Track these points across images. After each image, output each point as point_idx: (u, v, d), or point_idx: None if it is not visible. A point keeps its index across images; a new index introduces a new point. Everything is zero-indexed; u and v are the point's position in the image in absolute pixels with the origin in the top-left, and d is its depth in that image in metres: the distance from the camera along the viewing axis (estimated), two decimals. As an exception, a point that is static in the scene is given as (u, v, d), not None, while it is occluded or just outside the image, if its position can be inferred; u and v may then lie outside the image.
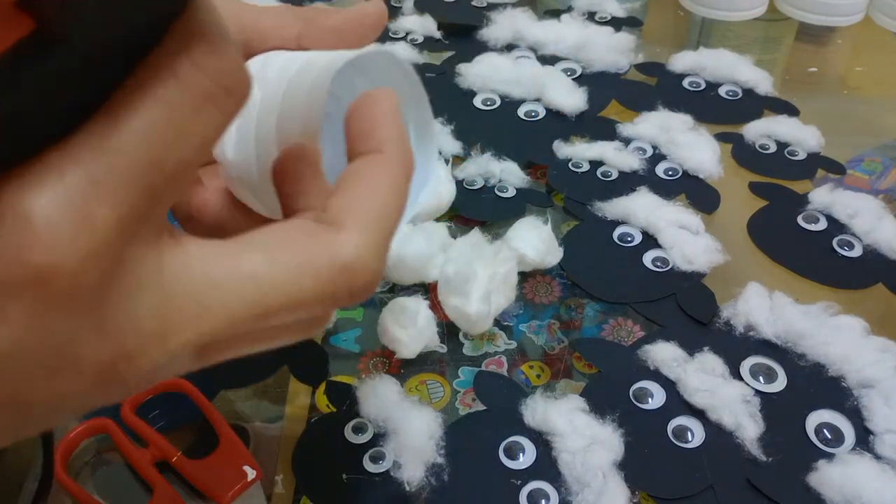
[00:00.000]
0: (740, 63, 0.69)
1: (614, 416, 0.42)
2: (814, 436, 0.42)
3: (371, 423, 0.42)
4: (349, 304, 0.21)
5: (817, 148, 0.62)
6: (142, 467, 0.41)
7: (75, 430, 0.42)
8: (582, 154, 0.60)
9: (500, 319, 0.49)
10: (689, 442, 0.42)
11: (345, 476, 0.40)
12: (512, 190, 0.58)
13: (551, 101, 0.65)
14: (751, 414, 0.42)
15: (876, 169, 0.62)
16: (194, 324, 0.19)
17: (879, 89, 0.73)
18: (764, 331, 0.46)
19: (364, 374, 0.44)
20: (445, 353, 0.47)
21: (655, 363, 0.45)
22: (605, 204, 0.56)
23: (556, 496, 0.39)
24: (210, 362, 0.21)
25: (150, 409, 0.44)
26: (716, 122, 0.64)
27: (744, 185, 0.59)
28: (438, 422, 0.41)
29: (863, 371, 0.43)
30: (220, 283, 0.19)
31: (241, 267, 0.19)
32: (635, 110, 0.65)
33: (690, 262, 0.51)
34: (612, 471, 0.39)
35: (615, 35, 0.73)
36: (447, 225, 0.53)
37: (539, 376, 0.46)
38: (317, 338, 0.48)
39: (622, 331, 0.49)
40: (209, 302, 0.19)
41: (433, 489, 0.39)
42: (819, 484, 0.39)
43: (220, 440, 0.41)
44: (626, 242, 0.53)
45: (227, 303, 0.19)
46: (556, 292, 0.51)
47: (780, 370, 0.45)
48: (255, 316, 0.19)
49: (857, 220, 0.54)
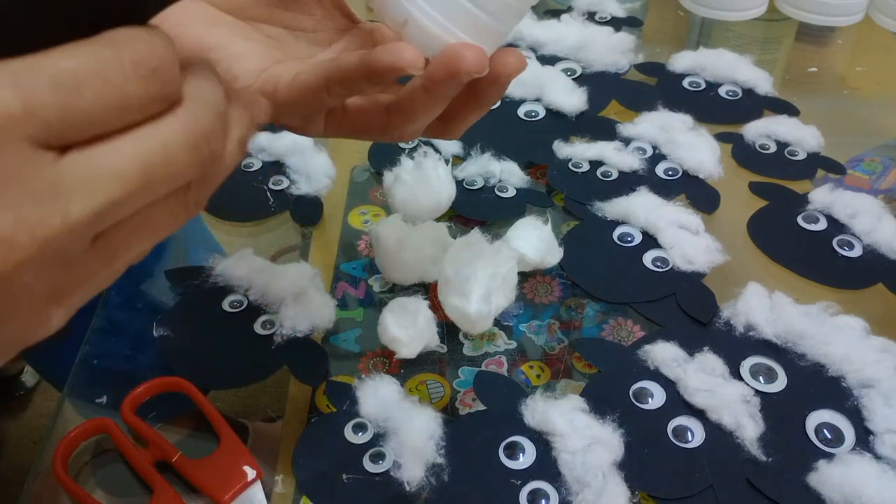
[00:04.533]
0: (740, 63, 0.69)
1: (614, 416, 0.42)
2: (814, 436, 0.42)
3: (371, 423, 0.42)
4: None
5: (817, 148, 0.62)
6: (142, 467, 0.41)
7: (75, 430, 0.42)
8: (582, 154, 0.60)
9: (500, 319, 0.49)
10: (689, 442, 0.42)
11: (345, 476, 0.40)
12: (512, 190, 0.58)
13: (551, 101, 0.65)
14: (751, 414, 0.42)
15: (876, 169, 0.62)
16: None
17: (879, 89, 0.73)
18: (764, 331, 0.46)
19: (364, 374, 0.44)
20: (445, 353, 0.47)
21: (655, 363, 0.45)
22: (605, 204, 0.56)
23: (556, 496, 0.39)
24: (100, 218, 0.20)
25: (150, 409, 0.44)
26: (716, 122, 0.64)
27: (744, 185, 0.59)
28: (438, 422, 0.41)
29: (863, 371, 0.43)
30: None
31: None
32: (635, 110, 0.65)
33: (690, 262, 0.51)
34: (612, 471, 0.39)
35: (615, 35, 0.73)
36: (447, 225, 0.53)
37: (539, 376, 0.46)
38: (317, 338, 0.48)
39: (622, 331, 0.49)
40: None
41: (433, 489, 0.39)
42: (819, 484, 0.39)
43: (220, 440, 0.41)
44: (626, 242, 0.53)
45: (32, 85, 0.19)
46: (556, 292, 0.51)
47: (780, 370, 0.45)
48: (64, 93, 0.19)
49: (857, 220, 0.54)
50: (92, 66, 0.19)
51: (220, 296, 0.50)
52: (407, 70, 0.29)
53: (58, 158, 0.19)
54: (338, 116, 0.36)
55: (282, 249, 0.55)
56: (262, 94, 0.34)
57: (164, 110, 0.21)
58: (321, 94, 0.32)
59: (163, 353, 0.47)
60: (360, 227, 0.57)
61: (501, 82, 0.33)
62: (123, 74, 0.20)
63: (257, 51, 0.35)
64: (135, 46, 0.20)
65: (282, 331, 0.47)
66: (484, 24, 0.30)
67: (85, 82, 0.19)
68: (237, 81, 0.35)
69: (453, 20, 0.30)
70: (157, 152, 0.21)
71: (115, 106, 0.20)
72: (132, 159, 0.20)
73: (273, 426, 0.44)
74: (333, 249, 0.55)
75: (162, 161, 0.21)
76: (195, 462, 0.41)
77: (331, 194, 0.59)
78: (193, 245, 0.57)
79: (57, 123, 0.19)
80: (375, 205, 0.58)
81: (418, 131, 0.35)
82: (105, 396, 0.46)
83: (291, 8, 0.37)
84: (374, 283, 0.52)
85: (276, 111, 0.34)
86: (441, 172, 0.54)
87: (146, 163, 0.20)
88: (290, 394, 0.45)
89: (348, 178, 0.61)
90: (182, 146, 0.21)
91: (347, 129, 0.36)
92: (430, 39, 0.30)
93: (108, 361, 0.48)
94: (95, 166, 0.20)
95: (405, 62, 0.29)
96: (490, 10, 0.30)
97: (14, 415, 1.28)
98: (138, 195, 0.21)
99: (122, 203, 0.20)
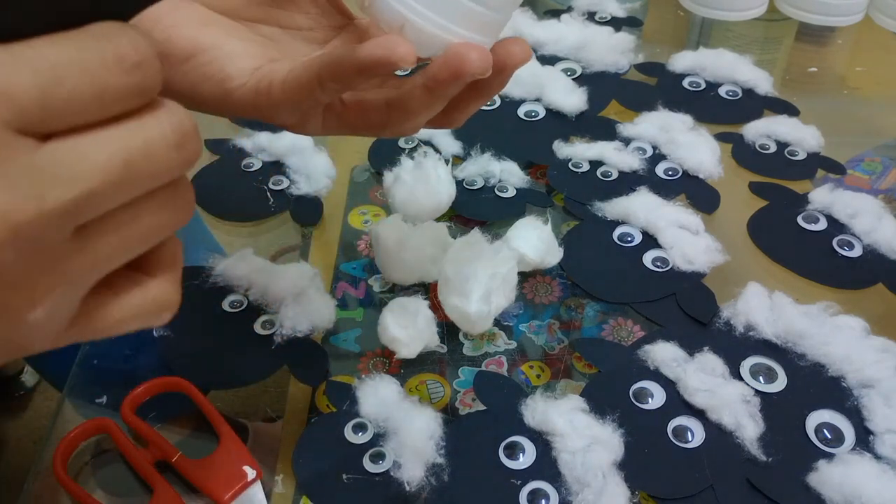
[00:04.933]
0: (740, 63, 0.69)
1: (614, 416, 0.42)
2: (814, 436, 0.42)
3: (371, 423, 0.42)
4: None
5: (817, 148, 0.62)
6: (142, 467, 0.41)
7: (75, 431, 0.42)
8: (582, 154, 0.60)
9: (500, 319, 0.49)
10: (689, 442, 0.42)
11: (345, 476, 0.40)
12: (512, 190, 0.58)
13: (551, 101, 0.65)
14: (751, 414, 0.42)
15: (876, 169, 0.62)
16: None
17: (879, 89, 0.73)
18: (764, 331, 0.46)
19: (364, 374, 0.44)
20: (445, 353, 0.47)
21: (655, 363, 0.45)
22: (605, 204, 0.56)
23: (556, 496, 0.39)
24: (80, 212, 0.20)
25: (150, 409, 0.44)
26: (716, 122, 0.64)
27: (744, 185, 0.59)
28: (438, 422, 0.41)
29: (863, 371, 0.43)
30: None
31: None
32: (635, 110, 0.65)
33: (690, 262, 0.51)
34: (612, 471, 0.39)
35: (615, 35, 0.73)
36: (447, 225, 0.53)
37: (539, 376, 0.46)
38: (317, 338, 0.48)
39: (622, 331, 0.49)
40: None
41: (433, 489, 0.39)
42: (819, 484, 0.39)
43: (220, 440, 0.41)
44: (626, 242, 0.53)
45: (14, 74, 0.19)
46: (556, 292, 0.51)
47: (780, 370, 0.45)
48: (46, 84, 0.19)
49: (857, 220, 0.54)
50: (74, 56, 0.19)
51: (220, 296, 0.50)
52: (399, 65, 0.29)
53: (37, 146, 0.19)
54: (336, 113, 0.36)
55: (282, 249, 0.55)
56: (257, 93, 0.34)
57: (145, 107, 0.21)
58: (314, 89, 0.32)
59: (163, 353, 0.47)
60: (360, 227, 0.57)
61: (506, 73, 0.32)
62: (105, 66, 0.20)
63: (251, 50, 0.35)
64: (118, 40, 0.20)
65: (282, 331, 0.47)
66: (482, 16, 0.30)
67: (66, 71, 0.19)
68: (231, 81, 0.35)
69: (451, 18, 0.30)
70: (139, 147, 0.21)
71: (95, 96, 0.20)
72: (114, 151, 0.20)
73: (273, 426, 0.44)
74: (333, 249, 0.55)
75: (143, 156, 0.21)
76: (195, 462, 0.41)
77: (331, 194, 0.59)
78: (193, 245, 0.57)
79: (36, 110, 0.19)
80: (375, 205, 0.58)
81: (418, 127, 0.35)
82: (105, 396, 0.46)
83: (286, 7, 0.37)
84: (374, 283, 0.52)
85: (271, 110, 0.34)
86: (441, 172, 0.54)
87: (128, 156, 0.20)
88: (290, 394, 0.45)
89: (348, 178, 0.61)
90: (167, 144, 0.21)
91: (346, 125, 0.36)
92: (430, 40, 0.30)
93: (108, 361, 0.48)
94: (76, 155, 0.20)
95: (397, 56, 0.29)
96: (487, 1, 0.30)
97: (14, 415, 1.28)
98: (119, 188, 0.20)
99: (101, 194, 0.20)
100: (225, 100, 0.35)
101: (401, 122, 0.34)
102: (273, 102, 0.34)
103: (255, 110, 0.35)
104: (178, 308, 0.25)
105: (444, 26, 0.30)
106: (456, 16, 0.30)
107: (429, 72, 0.30)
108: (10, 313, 0.21)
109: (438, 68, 0.30)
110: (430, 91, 0.31)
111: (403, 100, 0.33)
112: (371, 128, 0.36)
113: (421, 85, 0.31)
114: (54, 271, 0.21)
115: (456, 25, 0.30)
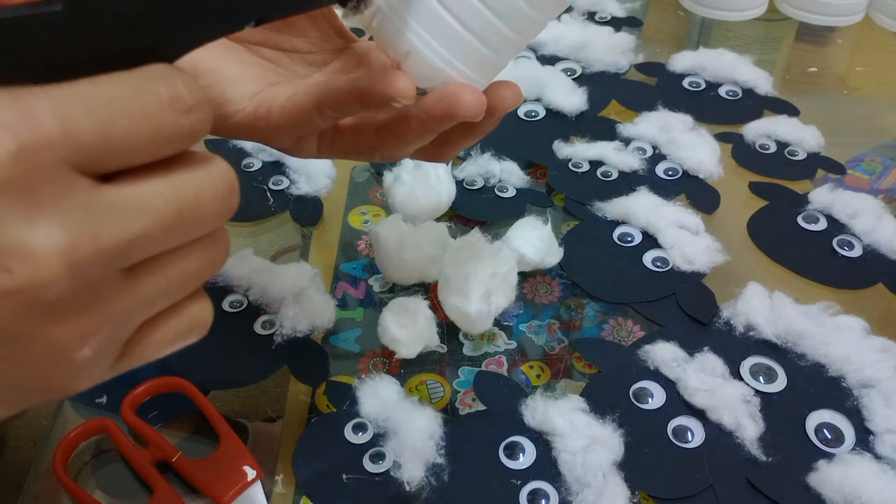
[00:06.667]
0: (740, 63, 0.69)
1: (614, 416, 0.42)
2: (814, 436, 0.42)
3: (371, 423, 0.42)
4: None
5: (817, 148, 0.62)
6: (142, 467, 0.41)
7: (75, 430, 0.42)
8: (582, 154, 0.60)
9: (500, 319, 0.49)
10: (689, 442, 0.42)
11: (345, 476, 0.40)
12: (512, 190, 0.58)
13: (551, 101, 0.65)
14: (751, 414, 0.42)
15: (876, 169, 0.62)
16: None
17: (879, 89, 0.73)
18: (764, 331, 0.46)
19: (364, 374, 0.44)
20: (445, 353, 0.47)
21: (655, 363, 0.45)
22: (605, 204, 0.56)
23: (556, 496, 0.39)
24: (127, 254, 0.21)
25: (150, 409, 0.44)
26: (716, 122, 0.64)
27: (744, 185, 0.59)
28: (438, 422, 0.41)
29: (863, 371, 0.43)
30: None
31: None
32: (635, 110, 0.65)
33: (690, 262, 0.51)
34: (612, 471, 0.39)
35: (615, 35, 0.73)
36: (447, 225, 0.53)
37: (539, 376, 0.46)
38: (317, 338, 0.48)
39: (622, 331, 0.49)
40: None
41: (433, 489, 0.39)
42: (819, 484, 0.39)
43: (220, 440, 0.41)
44: (626, 242, 0.53)
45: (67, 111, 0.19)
46: (556, 292, 0.51)
47: (780, 370, 0.45)
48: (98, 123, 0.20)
49: (857, 220, 0.54)
50: (131, 97, 0.20)
51: (220, 296, 0.50)
52: (398, 99, 0.30)
53: (94, 185, 0.20)
54: (329, 137, 0.36)
55: (282, 249, 0.55)
56: (256, 118, 0.35)
57: (197, 157, 0.22)
58: (313, 116, 0.33)
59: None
60: (360, 227, 0.57)
61: (496, 116, 0.33)
62: (161, 108, 0.20)
63: (251, 74, 0.36)
64: (173, 83, 0.21)
65: (282, 331, 0.47)
66: (485, 57, 0.31)
67: (124, 111, 0.20)
68: (231, 105, 0.35)
69: (455, 54, 0.30)
70: (192, 197, 0.21)
71: (150, 137, 0.20)
72: (169, 198, 0.21)
73: (273, 426, 0.44)
74: (333, 249, 0.55)
75: (194, 205, 0.21)
76: (195, 462, 0.41)
77: (331, 194, 0.59)
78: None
79: (93, 149, 0.19)
80: (375, 205, 0.58)
81: (407, 154, 0.36)
82: (105, 396, 0.46)
83: (286, 31, 0.37)
84: (374, 283, 0.52)
85: (269, 133, 0.35)
86: (441, 172, 0.54)
87: (181, 204, 0.21)
88: (290, 394, 0.45)
89: (348, 178, 0.61)
90: (215, 195, 0.22)
91: (339, 150, 0.37)
92: (432, 72, 0.31)
93: (108, 361, 0.48)
94: (134, 198, 0.20)
95: (397, 92, 0.30)
96: (492, 44, 0.30)
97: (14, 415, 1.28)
98: (169, 233, 0.21)
99: (153, 238, 0.21)
100: (223, 123, 0.35)
101: (391, 148, 0.35)
102: (271, 127, 0.34)
103: (253, 134, 0.35)
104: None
105: (447, 60, 0.30)
106: (460, 51, 0.30)
107: (423, 105, 0.31)
108: (57, 352, 0.21)
109: (433, 103, 0.31)
110: (423, 124, 0.32)
111: (395, 128, 0.34)
112: (362, 152, 0.36)
113: (415, 117, 0.32)
114: (103, 310, 0.21)
115: (458, 61, 0.31)
